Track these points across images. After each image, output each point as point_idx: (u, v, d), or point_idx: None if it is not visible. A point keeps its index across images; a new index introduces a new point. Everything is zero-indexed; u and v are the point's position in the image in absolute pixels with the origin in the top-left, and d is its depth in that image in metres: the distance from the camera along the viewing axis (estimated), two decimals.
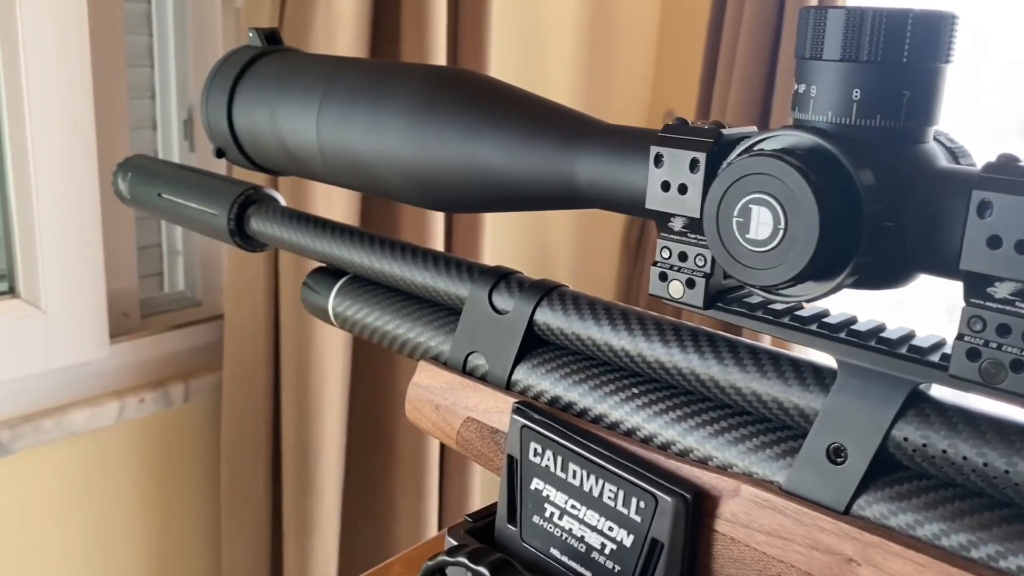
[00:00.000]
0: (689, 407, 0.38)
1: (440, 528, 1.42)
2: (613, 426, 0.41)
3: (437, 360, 0.49)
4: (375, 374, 1.33)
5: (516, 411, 0.42)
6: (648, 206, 0.36)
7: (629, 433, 0.40)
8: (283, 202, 0.63)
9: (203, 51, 1.25)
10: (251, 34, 0.57)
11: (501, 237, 1.56)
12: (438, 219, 1.27)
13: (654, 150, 0.35)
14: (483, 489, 1.50)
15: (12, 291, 1.11)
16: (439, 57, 1.19)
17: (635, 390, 0.40)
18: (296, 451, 1.22)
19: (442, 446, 1.40)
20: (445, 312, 0.49)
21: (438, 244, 1.28)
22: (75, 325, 1.11)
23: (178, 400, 1.22)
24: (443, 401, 0.48)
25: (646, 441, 0.39)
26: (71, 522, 1.16)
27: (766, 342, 0.41)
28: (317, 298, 0.56)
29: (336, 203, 1.15)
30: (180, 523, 1.29)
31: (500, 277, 0.46)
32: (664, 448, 0.39)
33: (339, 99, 0.48)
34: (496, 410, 0.45)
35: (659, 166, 0.35)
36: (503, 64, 1.34)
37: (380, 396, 1.35)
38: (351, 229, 0.55)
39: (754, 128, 0.36)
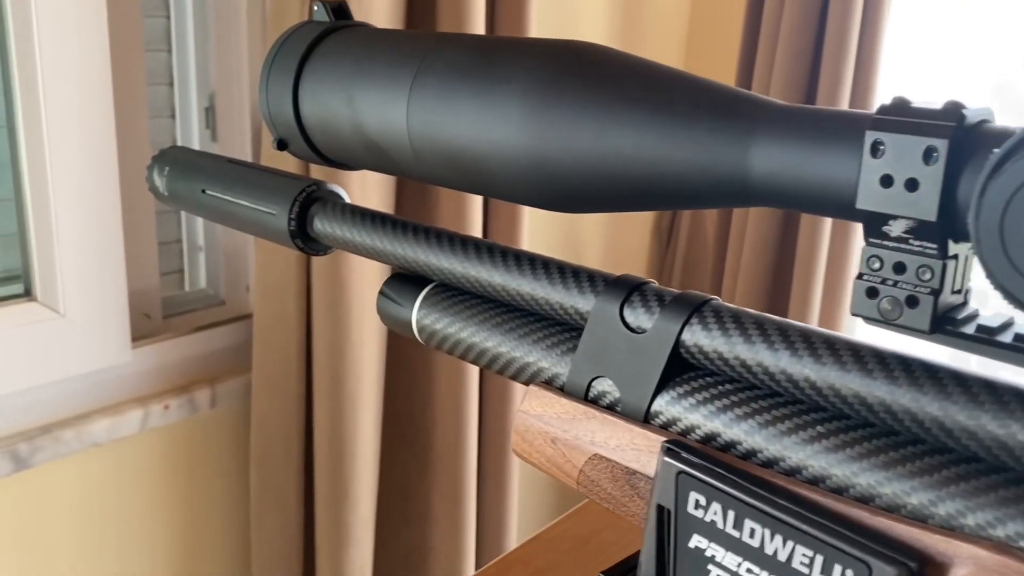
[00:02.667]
0: (897, 451, 0.31)
1: (478, 533, 1.36)
2: (792, 471, 0.34)
3: (551, 385, 0.42)
4: (409, 372, 1.26)
5: (668, 452, 0.35)
6: (859, 206, 0.29)
7: (815, 481, 0.33)
8: (347, 198, 0.56)
9: (225, 32, 1.17)
10: (316, 7, 0.50)
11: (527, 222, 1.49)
12: (475, 205, 1.19)
13: (871, 136, 0.28)
14: (522, 493, 1.44)
15: (28, 293, 1.04)
16: (478, 30, 1.11)
17: (819, 428, 0.33)
18: (329, 458, 1.16)
19: (480, 447, 1.33)
20: (558, 329, 0.42)
21: (476, 232, 1.21)
22: (95, 328, 1.04)
23: (204, 406, 1.15)
24: (562, 434, 0.41)
25: (839, 492, 0.32)
26: (92, 538, 1.10)
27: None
28: (397, 309, 0.49)
29: (372, 189, 1.08)
30: (207, 535, 1.22)
31: (632, 288, 0.39)
32: (865, 501, 0.32)
33: (436, 81, 0.41)
34: (633, 447, 0.38)
35: (877, 156, 0.28)
36: None
37: (415, 396, 1.28)
38: (437, 231, 0.48)
39: (989, 108, 0.29)
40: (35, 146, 0.98)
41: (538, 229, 1.54)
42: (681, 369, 0.38)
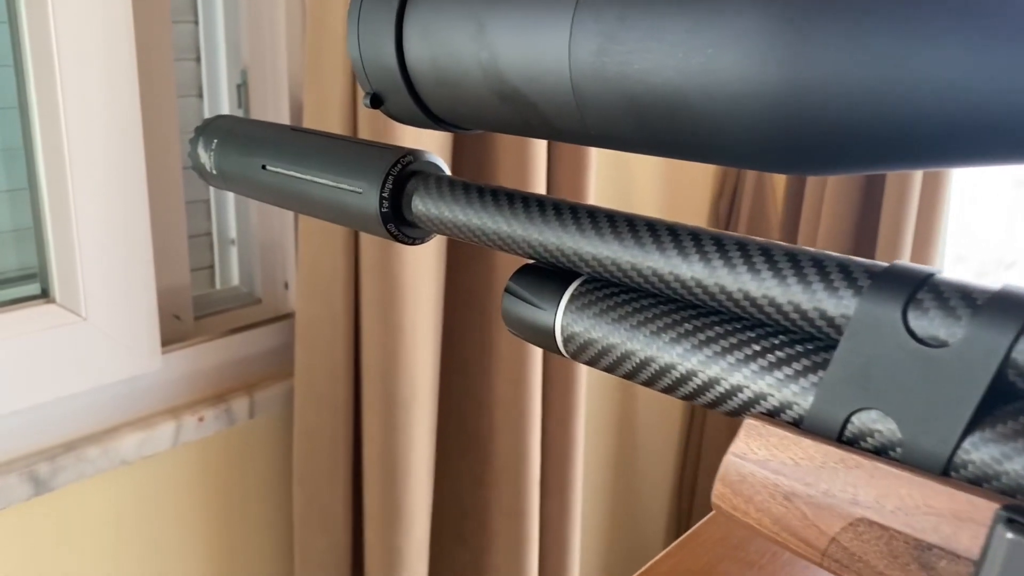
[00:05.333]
0: None
1: (541, 553, 1.24)
2: None
3: (779, 418, 0.30)
4: (465, 375, 1.15)
5: (1013, 525, 0.24)
6: None
7: None
8: (447, 170, 0.44)
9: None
10: None
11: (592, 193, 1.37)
12: (539, 162, 1.06)
13: None
14: (588, 507, 1.32)
15: (46, 294, 0.92)
16: None
17: None
18: (381, 473, 1.04)
19: (543, 456, 1.21)
20: (785, 340, 0.30)
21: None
22: (121, 333, 0.93)
23: (242, 416, 1.04)
24: (803, 488, 0.29)
25: None
26: (121, 566, 0.98)
27: None
28: (532, 312, 0.38)
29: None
30: (247, 560, 1.11)
31: (918, 284, 0.27)
32: None
33: None
34: (929, 511, 0.26)
35: None
36: None
37: (469, 401, 1.16)
38: (589, 210, 0.36)
39: None
40: (51, 129, 0.87)
41: None
42: (1004, 398, 0.26)
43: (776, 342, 0.30)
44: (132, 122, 0.90)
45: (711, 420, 1.82)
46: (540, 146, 1.06)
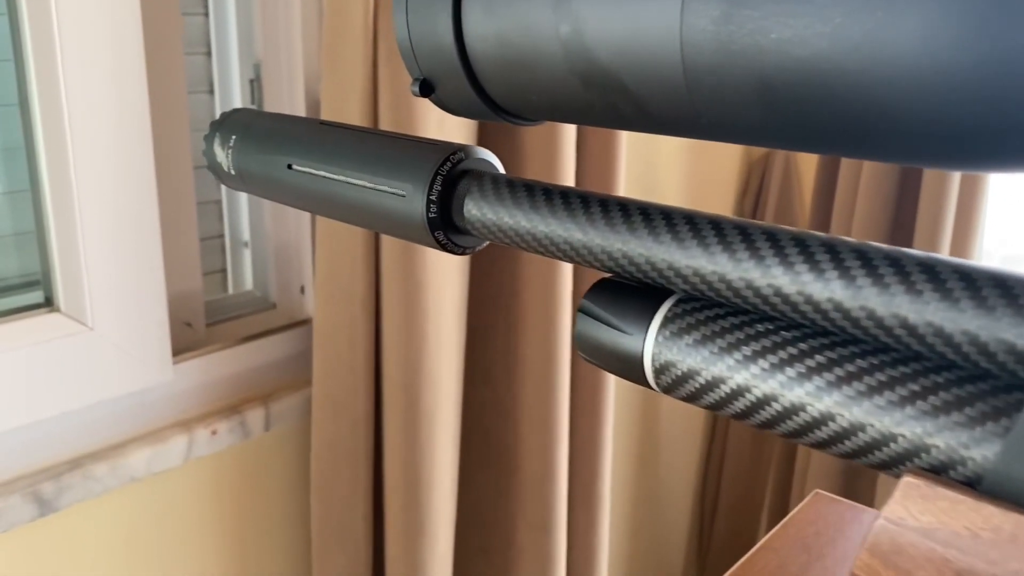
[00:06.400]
0: None
1: (569, 571, 1.19)
2: None
3: (949, 475, 0.24)
4: (490, 382, 1.09)
5: None
6: None
7: None
8: (501, 168, 0.39)
9: None
10: None
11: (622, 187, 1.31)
12: (568, 153, 1.00)
13: None
14: (616, 520, 1.27)
15: (49, 303, 0.87)
16: None
17: None
18: (403, 486, 0.99)
19: (571, 467, 1.15)
20: (948, 377, 0.25)
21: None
22: (130, 343, 0.87)
23: (257, 428, 0.98)
24: (985, 567, 0.23)
25: None
26: None
27: None
28: (616, 337, 0.32)
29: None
30: None
31: None
32: None
33: None
34: None
35: None
36: None
37: (493, 410, 1.11)
38: (687, 214, 0.30)
39: None
40: (54, 126, 0.82)
41: None
42: None
43: (941, 380, 0.24)
44: (140, 119, 0.85)
45: (734, 427, 1.76)
46: (569, 136, 1.00)
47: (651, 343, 0.31)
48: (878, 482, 1.48)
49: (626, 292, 0.32)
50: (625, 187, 1.28)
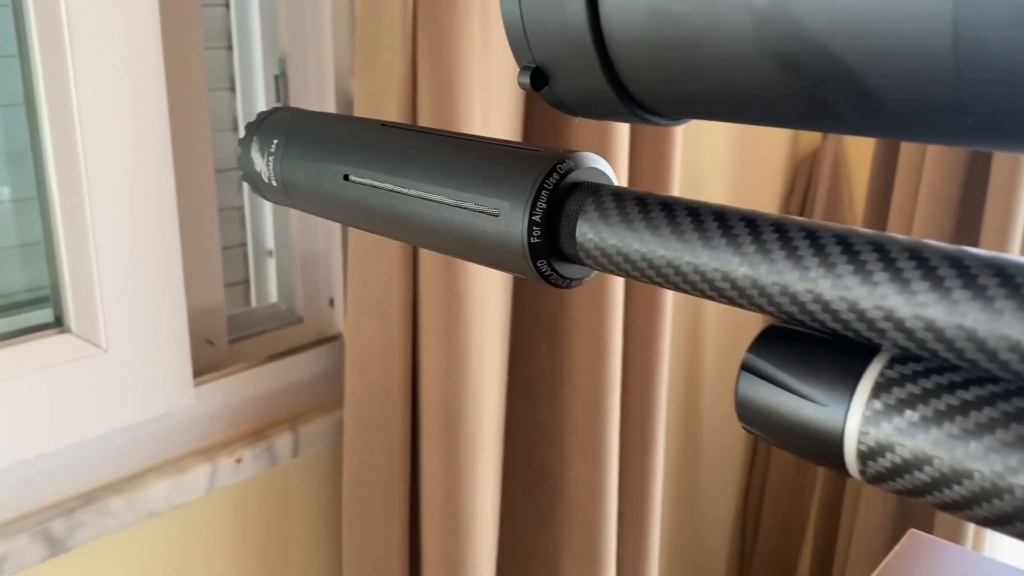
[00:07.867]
0: None
1: None
2: None
3: None
4: (533, 400, 1.02)
5: None
6: None
7: None
8: (615, 179, 0.31)
9: None
10: None
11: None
12: (621, 155, 0.93)
13: None
14: (665, 549, 1.19)
15: (60, 323, 0.80)
16: None
17: None
18: (441, 515, 0.91)
19: (620, 494, 1.07)
20: None
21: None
22: (148, 365, 0.80)
23: (285, 455, 0.91)
24: None
25: None
26: None
27: None
28: (801, 406, 0.24)
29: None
30: None
31: None
32: None
33: None
34: None
35: None
36: None
37: (535, 430, 1.03)
38: (900, 244, 0.22)
39: None
40: (63, 127, 0.74)
41: None
42: None
43: None
44: (157, 118, 0.77)
45: (776, 451, 1.68)
46: (623, 134, 0.92)
47: (857, 418, 0.23)
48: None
49: (809, 345, 0.24)
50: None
